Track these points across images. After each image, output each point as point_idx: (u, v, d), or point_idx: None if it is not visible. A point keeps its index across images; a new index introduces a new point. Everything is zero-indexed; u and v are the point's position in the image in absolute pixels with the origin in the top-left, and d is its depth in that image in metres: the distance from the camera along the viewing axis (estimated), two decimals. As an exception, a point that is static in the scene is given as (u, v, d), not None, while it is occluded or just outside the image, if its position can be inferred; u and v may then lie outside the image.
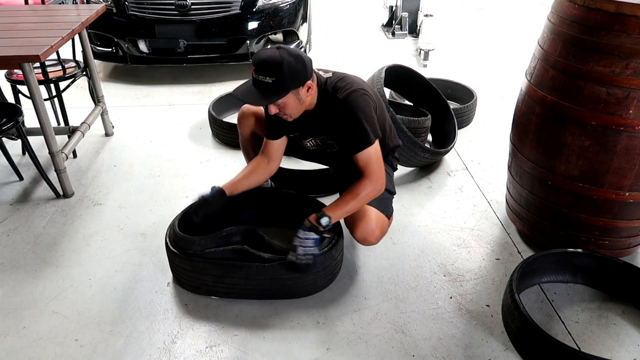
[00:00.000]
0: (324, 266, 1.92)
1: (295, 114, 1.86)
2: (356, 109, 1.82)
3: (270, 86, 1.71)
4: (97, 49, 4.06)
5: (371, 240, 1.98)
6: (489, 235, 2.36)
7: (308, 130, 2.02)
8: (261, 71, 1.71)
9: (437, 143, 3.16)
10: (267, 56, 1.71)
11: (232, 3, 3.92)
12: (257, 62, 1.72)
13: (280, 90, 1.73)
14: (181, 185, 2.74)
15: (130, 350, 1.77)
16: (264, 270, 1.85)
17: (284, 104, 1.78)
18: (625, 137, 1.77)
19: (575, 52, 1.81)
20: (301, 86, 1.77)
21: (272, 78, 1.70)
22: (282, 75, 1.70)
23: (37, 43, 2.30)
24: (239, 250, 1.89)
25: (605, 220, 1.97)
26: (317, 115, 1.92)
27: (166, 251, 1.99)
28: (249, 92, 1.76)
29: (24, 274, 2.10)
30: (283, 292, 1.93)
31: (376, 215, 1.98)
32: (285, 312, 1.91)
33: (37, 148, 2.87)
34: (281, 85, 1.72)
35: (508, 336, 1.81)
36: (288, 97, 1.76)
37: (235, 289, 1.92)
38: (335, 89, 1.86)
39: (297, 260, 1.82)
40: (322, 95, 1.89)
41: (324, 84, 1.89)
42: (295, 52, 1.74)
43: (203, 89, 4.07)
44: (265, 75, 1.70)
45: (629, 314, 1.93)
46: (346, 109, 1.83)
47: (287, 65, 1.69)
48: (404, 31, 5.36)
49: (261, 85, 1.73)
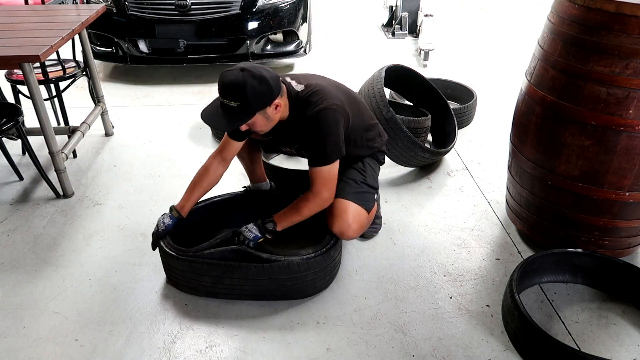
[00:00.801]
0: (323, 267, 1.92)
1: (265, 130, 1.87)
2: (321, 127, 1.83)
3: (235, 110, 1.71)
4: (97, 49, 4.06)
5: (349, 235, 1.98)
6: (489, 235, 2.36)
7: (281, 139, 2.05)
8: (225, 95, 1.71)
9: (437, 143, 3.16)
10: (229, 80, 1.69)
11: (232, 3, 3.92)
12: (221, 85, 1.71)
13: (245, 113, 1.73)
14: (181, 185, 2.72)
15: (130, 350, 1.77)
16: (263, 270, 1.85)
17: (252, 123, 1.79)
18: (625, 137, 1.77)
19: (575, 52, 1.81)
20: (268, 106, 1.76)
21: (236, 102, 1.69)
22: (246, 99, 1.69)
23: (37, 43, 2.30)
24: (237, 251, 1.88)
25: (605, 220, 1.97)
26: (289, 126, 1.92)
27: (160, 254, 1.98)
28: (216, 115, 1.76)
29: (24, 274, 2.10)
30: (282, 292, 1.92)
31: (354, 210, 1.98)
32: (286, 312, 1.91)
33: (37, 148, 2.87)
34: (246, 109, 1.72)
35: (508, 336, 1.81)
36: (255, 118, 1.76)
37: (234, 289, 1.92)
38: (307, 103, 1.86)
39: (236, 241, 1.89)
40: (293, 107, 1.89)
41: (295, 97, 1.88)
42: (258, 74, 1.71)
43: (203, 89, 4.07)
44: (229, 100, 1.70)
45: (629, 314, 1.93)
46: (312, 125, 1.84)
47: (251, 89, 1.68)
48: (404, 31, 5.36)
49: (227, 109, 1.73)
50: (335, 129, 1.85)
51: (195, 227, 2.15)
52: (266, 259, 1.85)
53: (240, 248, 1.88)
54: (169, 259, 1.93)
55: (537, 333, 1.65)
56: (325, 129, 1.83)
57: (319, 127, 1.83)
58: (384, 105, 2.51)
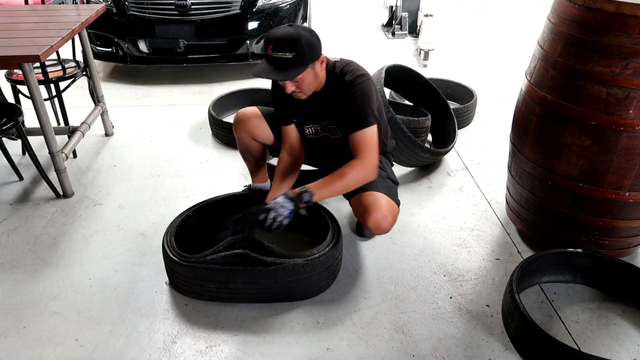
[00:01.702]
0: (327, 267, 1.92)
1: (309, 91, 1.89)
2: (362, 90, 1.86)
3: (290, 61, 1.74)
4: (97, 49, 4.06)
5: (384, 227, 1.95)
6: (489, 235, 2.36)
7: (310, 115, 2.05)
8: (280, 48, 1.74)
9: (437, 143, 3.16)
10: (284, 33, 1.75)
11: (232, 3, 3.92)
12: (275, 39, 1.75)
13: (300, 63, 1.76)
14: (181, 185, 2.74)
15: (130, 350, 1.76)
16: (268, 273, 1.84)
17: (302, 79, 1.81)
18: (625, 137, 1.78)
19: (575, 52, 1.81)
20: (317, 60, 1.82)
21: (292, 53, 1.73)
22: (301, 50, 1.73)
23: (37, 43, 2.30)
24: (240, 255, 1.86)
25: (605, 220, 1.97)
26: (322, 98, 1.96)
27: (164, 258, 1.97)
28: (269, 70, 1.78)
29: (24, 274, 2.10)
30: (287, 294, 1.92)
31: (387, 202, 1.96)
32: (286, 312, 1.91)
33: (37, 148, 2.87)
34: (301, 59, 1.75)
35: (508, 336, 1.81)
36: (307, 72, 1.79)
37: (239, 293, 1.90)
38: (343, 72, 1.90)
39: (265, 222, 1.79)
40: (329, 77, 1.93)
41: (332, 67, 1.93)
42: (308, 28, 1.82)
43: (203, 89, 4.07)
44: (285, 52, 1.73)
45: (628, 313, 1.93)
46: (352, 89, 1.87)
47: (305, 40, 1.74)
48: (404, 31, 5.36)
49: (280, 62, 1.75)
50: (373, 95, 1.89)
51: (197, 229, 2.15)
52: (271, 262, 1.84)
53: (244, 253, 1.84)
54: (173, 264, 1.91)
55: (537, 333, 1.65)
56: (366, 93, 1.86)
57: (360, 90, 1.86)
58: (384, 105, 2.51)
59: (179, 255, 1.89)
